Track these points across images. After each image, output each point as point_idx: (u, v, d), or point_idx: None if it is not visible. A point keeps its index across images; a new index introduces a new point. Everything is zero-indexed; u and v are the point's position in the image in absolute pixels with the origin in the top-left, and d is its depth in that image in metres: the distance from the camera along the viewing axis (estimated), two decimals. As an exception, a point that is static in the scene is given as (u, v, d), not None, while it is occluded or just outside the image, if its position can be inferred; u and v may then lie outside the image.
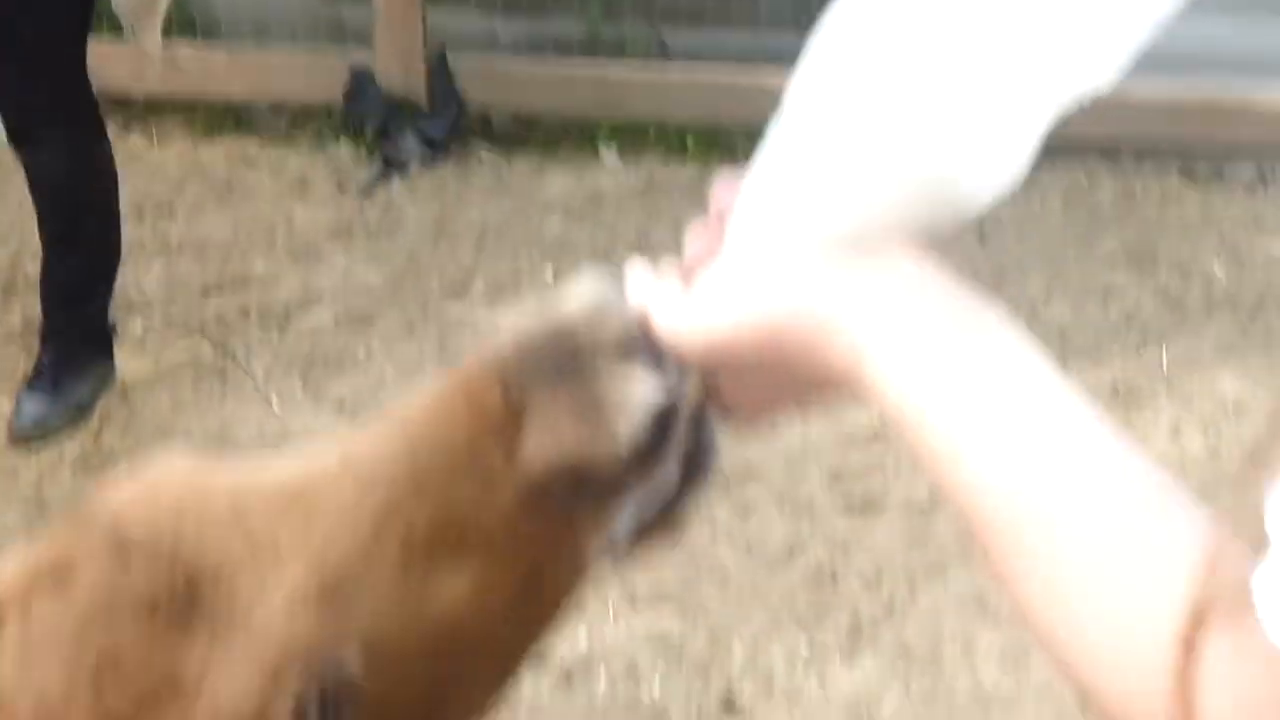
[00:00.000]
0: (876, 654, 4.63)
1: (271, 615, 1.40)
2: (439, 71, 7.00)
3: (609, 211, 6.95)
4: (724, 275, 1.42)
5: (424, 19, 7.04)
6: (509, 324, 1.48)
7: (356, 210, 6.74)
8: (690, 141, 7.38)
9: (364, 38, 7.20)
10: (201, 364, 5.68)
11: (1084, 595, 1.19)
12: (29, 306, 5.79)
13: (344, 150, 7.03)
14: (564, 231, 6.81)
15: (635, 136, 7.58)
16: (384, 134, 6.93)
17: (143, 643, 1.39)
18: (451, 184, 6.97)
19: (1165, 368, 6.07)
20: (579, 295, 1.46)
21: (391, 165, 6.90)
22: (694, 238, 1.47)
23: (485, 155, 7.13)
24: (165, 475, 1.49)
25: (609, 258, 6.10)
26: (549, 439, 1.43)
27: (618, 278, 1.47)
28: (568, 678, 4.52)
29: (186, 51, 6.85)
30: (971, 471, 1.25)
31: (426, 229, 6.57)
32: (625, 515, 1.48)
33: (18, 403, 5.58)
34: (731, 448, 4.69)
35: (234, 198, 6.69)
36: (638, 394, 1.41)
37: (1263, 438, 1.08)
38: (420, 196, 6.88)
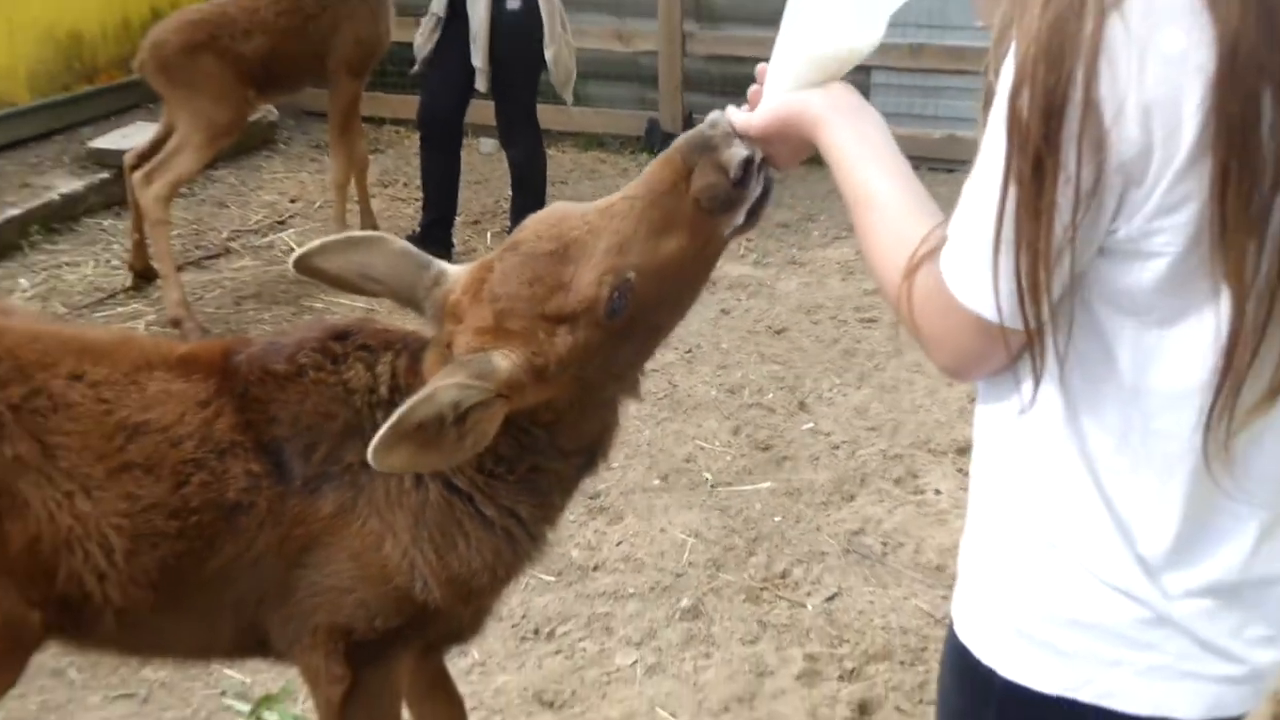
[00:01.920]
0: (869, 387, 4.46)
1: (598, 255, 1.55)
2: (690, 122, 6.83)
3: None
4: (766, 102, 1.45)
5: (683, 101, 7.01)
6: (683, 136, 1.58)
7: (650, 185, 6.99)
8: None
9: (654, 105, 7.14)
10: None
11: (885, 235, 1.26)
12: (503, 226, 5.89)
13: (644, 157, 6.97)
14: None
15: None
16: (663, 150, 7.09)
17: (548, 266, 1.57)
18: (693, 174, 7.07)
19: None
20: (709, 119, 1.53)
21: (666, 165, 7.17)
22: (753, 90, 1.50)
23: (709, 161, 7.19)
24: (555, 208, 1.67)
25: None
26: (703, 177, 1.53)
27: (723, 111, 1.53)
28: (732, 392, 4.47)
29: (579, 107, 6.67)
30: (856, 179, 1.30)
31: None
32: (735, 218, 1.57)
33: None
34: (803, 293, 4.74)
35: (593, 178, 6.76)
36: (737, 154, 1.49)
37: None
38: (678, 179, 7.06)
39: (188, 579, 1.75)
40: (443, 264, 1.75)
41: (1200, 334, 1.09)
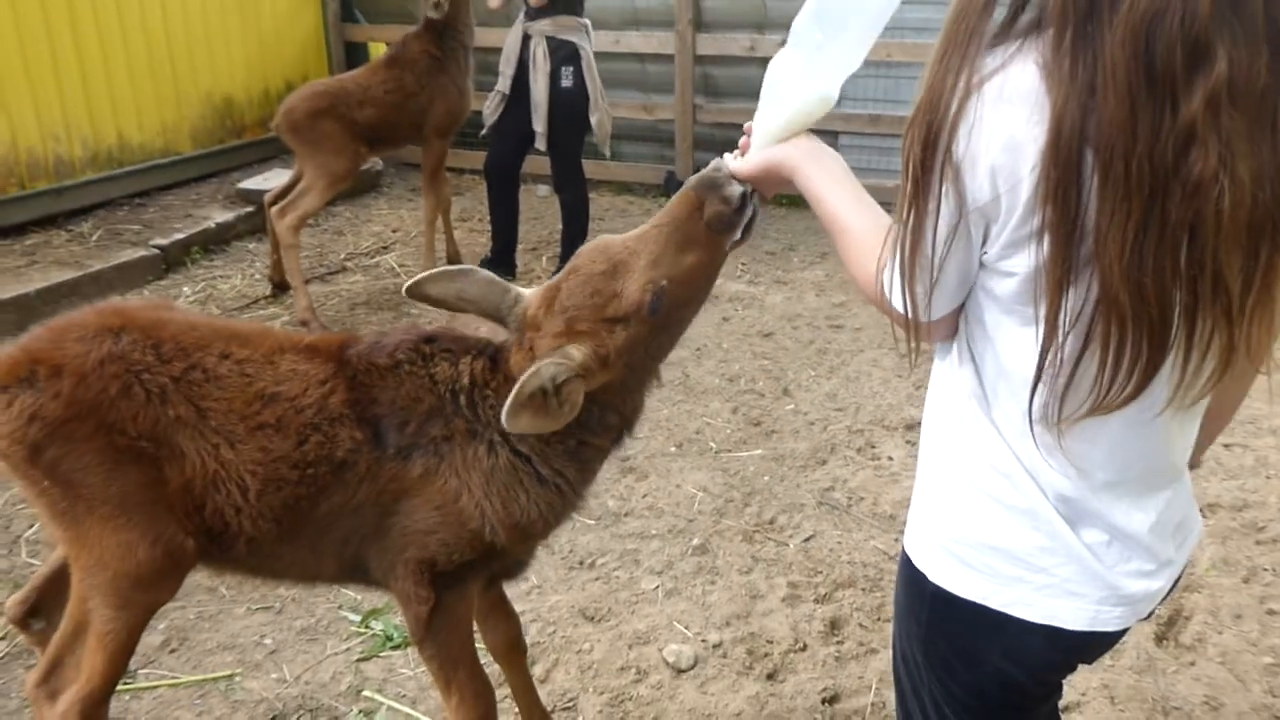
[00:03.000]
0: (837, 377, 4.36)
1: (640, 270, 1.55)
2: (696, 174, 7.19)
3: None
4: (753, 152, 1.43)
5: (693, 158, 6.83)
6: (694, 177, 1.56)
7: (666, 222, 6.85)
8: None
9: (671, 160, 7.04)
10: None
11: (856, 251, 1.24)
12: (554, 252, 5.82)
13: (663, 200, 6.78)
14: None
15: (780, 198, 7.21)
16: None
17: (604, 282, 1.55)
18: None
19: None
20: (713, 165, 1.52)
21: (680, 206, 7.02)
22: (743, 141, 1.48)
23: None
24: (600, 240, 1.63)
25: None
26: (712, 206, 1.52)
27: (722, 158, 1.53)
28: (731, 381, 4.43)
29: (614, 161, 6.75)
30: (829, 209, 1.29)
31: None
32: (735, 235, 1.56)
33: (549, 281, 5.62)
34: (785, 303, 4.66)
35: (623, 216, 6.67)
36: (735, 188, 1.50)
37: None
38: (689, 217, 6.93)
39: (303, 517, 1.72)
40: (518, 288, 1.72)
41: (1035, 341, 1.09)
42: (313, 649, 2.74)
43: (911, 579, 1.32)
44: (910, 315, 1.13)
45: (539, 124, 5.03)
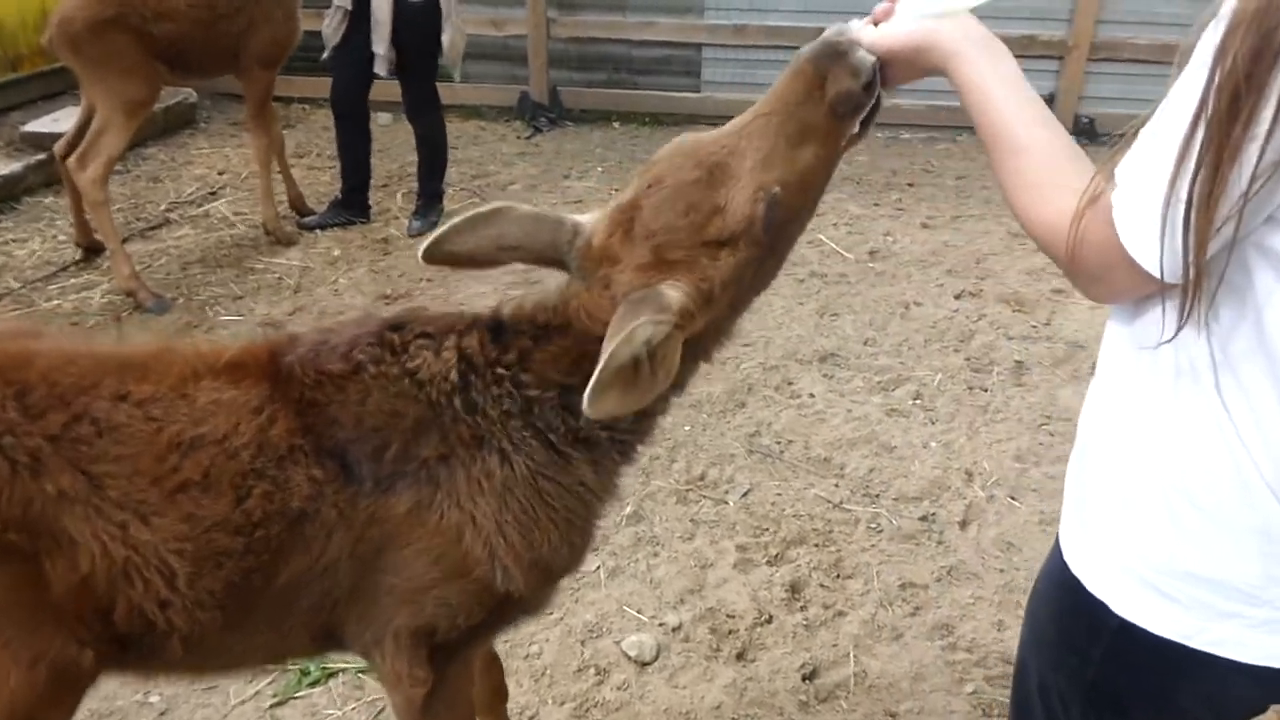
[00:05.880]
0: (845, 313, 4.51)
1: (746, 174, 1.25)
2: (554, 94, 6.57)
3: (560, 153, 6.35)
4: (895, 23, 1.22)
5: (549, 77, 6.56)
6: (807, 47, 1.29)
7: (526, 145, 6.18)
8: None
9: (524, 80, 6.63)
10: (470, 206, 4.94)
11: (1033, 179, 1.05)
12: (409, 188, 5.34)
13: (518, 124, 6.54)
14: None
15: (642, 118, 6.66)
16: (533, 118, 6.49)
17: (700, 193, 1.25)
18: (559, 138, 6.28)
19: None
20: (835, 29, 1.26)
21: (538, 130, 6.41)
22: (882, 8, 1.27)
23: (569, 127, 6.51)
24: (684, 139, 1.32)
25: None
26: (838, 83, 1.24)
27: (845, 23, 1.28)
28: None
29: (461, 83, 6.18)
30: (999, 120, 1.08)
31: (555, 153, 5.98)
32: (853, 126, 1.28)
33: (409, 221, 4.94)
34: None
35: (477, 142, 6.24)
36: (866, 58, 1.22)
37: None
38: (549, 141, 6.25)
39: (257, 594, 1.33)
40: (574, 216, 1.36)
41: None
42: (213, 700, 2.32)
43: (1082, 608, 1.09)
44: (1190, 273, 0.89)
45: (380, 45, 4.53)
